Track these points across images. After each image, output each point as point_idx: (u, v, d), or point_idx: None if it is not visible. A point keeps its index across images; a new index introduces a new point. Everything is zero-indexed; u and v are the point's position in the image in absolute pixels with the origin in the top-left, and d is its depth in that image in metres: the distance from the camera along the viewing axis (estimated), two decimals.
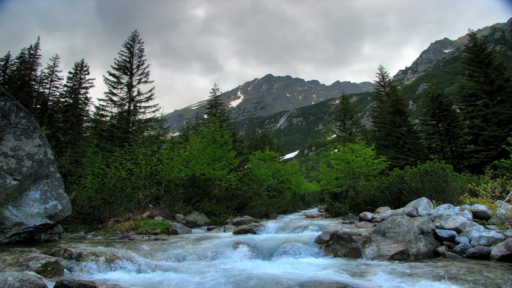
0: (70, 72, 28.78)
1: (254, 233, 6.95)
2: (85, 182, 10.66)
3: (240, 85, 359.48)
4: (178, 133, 54.24)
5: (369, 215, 8.28)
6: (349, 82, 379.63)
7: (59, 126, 25.76)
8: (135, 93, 22.01)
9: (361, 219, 8.26)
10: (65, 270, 3.57)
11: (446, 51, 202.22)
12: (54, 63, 29.64)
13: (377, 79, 31.87)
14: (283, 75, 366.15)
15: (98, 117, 21.84)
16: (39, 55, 29.41)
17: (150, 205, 9.86)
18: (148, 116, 22.03)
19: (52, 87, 29.23)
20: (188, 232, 8.07)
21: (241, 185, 15.79)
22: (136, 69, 22.37)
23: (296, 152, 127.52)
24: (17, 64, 28.43)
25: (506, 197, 6.74)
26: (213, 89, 28.95)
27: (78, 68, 29.02)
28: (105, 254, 4.00)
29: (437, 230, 4.99)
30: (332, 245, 4.90)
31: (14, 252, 4.08)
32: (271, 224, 8.06)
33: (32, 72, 28.55)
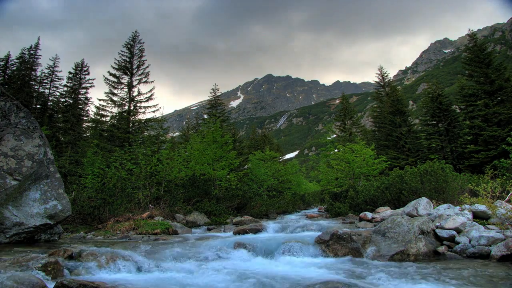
0: (70, 72, 28.73)
1: (254, 233, 6.96)
2: (85, 182, 10.67)
3: (240, 85, 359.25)
4: (178, 133, 54.28)
5: (369, 215, 8.28)
6: (349, 82, 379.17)
7: (59, 126, 25.72)
8: (135, 93, 22.05)
9: (361, 219, 8.26)
10: (65, 270, 3.57)
11: (446, 51, 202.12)
12: (54, 63, 29.62)
13: (377, 79, 31.91)
14: (283, 75, 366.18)
15: (98, 117, 21.85)
16: (39, 55, 29.38)
17: (150, 205, 9.86)
18: (148, 116, 22.15)
19: (52, 87, 29.16)
20: (188, 232, 8.08)
21: (241, 185, 15.78)
22: (136, 69, 22.40)
23: (296, 152, 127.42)
24: (17, 64, 28.42)
25: (506, 197, 6.74)
26: (213, 89, 28.96)
27: (78, 68, 29.00)
28: (105, 254, 4.00)
29: (437, 230, 4.99)
30: (332, 245, 4.90)
31: (14, 252, 4.09)
32: (271, 224, 8.07)
33: (32, 72, 28.51)
